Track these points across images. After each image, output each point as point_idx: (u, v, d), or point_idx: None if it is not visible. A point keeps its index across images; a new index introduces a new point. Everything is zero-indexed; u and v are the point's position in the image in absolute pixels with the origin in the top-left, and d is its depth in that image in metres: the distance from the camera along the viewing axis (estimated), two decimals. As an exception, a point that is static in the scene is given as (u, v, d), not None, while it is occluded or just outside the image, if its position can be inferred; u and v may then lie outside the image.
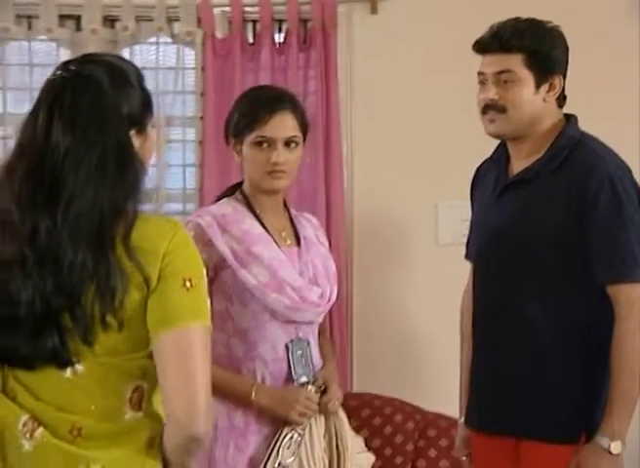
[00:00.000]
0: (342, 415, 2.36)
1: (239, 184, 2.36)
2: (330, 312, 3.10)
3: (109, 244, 1.49)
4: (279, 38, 3.20)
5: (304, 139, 2.33)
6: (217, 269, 2.24)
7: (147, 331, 1.51)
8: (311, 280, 2.30)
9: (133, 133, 1.59)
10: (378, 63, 3.19)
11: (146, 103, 1.63)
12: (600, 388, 2.13)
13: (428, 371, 3.17)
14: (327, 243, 2.48)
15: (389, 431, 2.92)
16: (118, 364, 1.53)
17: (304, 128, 2.32)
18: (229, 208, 2.29)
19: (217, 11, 3.17)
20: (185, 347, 1.49)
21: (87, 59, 1.63)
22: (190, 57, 3.19)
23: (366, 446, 2.56)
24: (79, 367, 1.53)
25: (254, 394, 2.20)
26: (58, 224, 1.49)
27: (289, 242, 2.33)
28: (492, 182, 2.32)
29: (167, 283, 1.51)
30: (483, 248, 2.33)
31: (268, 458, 2.18)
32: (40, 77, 3.15)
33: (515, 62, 2.17)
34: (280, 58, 3.17)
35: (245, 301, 2.24)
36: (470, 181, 2.46)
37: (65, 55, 3.16)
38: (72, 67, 1.57)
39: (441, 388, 2.72)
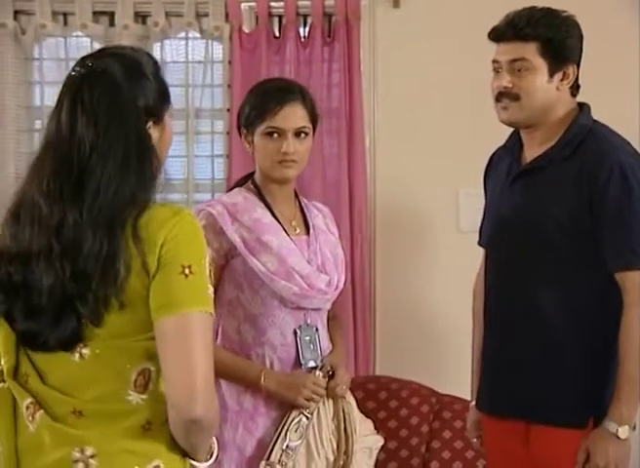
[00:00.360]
0: (351, 399, 2.39)
1: (251, 175, 2.39)
2: (353, 298, 3.16)
3: (121, 231, 1.52)
4: (304, 32, 3.24)
5: (314, 130, 2.36)
6: (228, 257, 2.27)
7: (150, 315, 1.53)
8: (319, 268, 2.32)
9: (150, 124, 1.62)
10: (400, 56, 3.21)
11: (163, 94, 1.65)
12: (609, 374, 2.12)
13: (449, 355, 3.18)
14: (337, 231, 2.49)
15: (405, 413, 2.93)
16: (123, 346, 1.56)
17: (314, 118, 2.34)
18: (240, 197, 2.32)
19: (244, 6, 3.22)
20: (184, 333, 1.50)
21: (103, 54, 1.66)
22: (218, 50, 3.24)
23: (382, 427, 2.60)
24: (85, 351, 1.56)
25: (263, 379, 2.23)
26: (84, 216, 1.53)
27: (298, 231, 2.35)
28: (505, 170, 2.33)
29: (166, 270, 1.52)
30: (495, 235, 2.34)
31: (276, 440, 2.20)
32: (76, 71, 3.30)
33: (529, 51, 2.16)
34: (305, 52, 3.21)
35: (255, 288, 2.26)
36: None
37: (100, 49, 3.30)
38: (89, 63, 1.60)
39: (461, 371, 2.74)
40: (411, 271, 3.28)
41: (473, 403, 2.42)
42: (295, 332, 2.26)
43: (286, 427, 2.20)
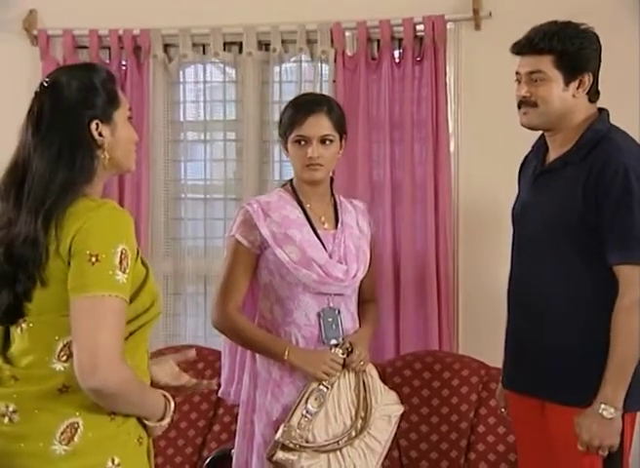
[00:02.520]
0: (374, 373, 2.49)
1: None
2: (438, 285, 3.30)
3: (46, 218, 1.61)
4: (398, 54, 3.41)
5: (342, 138, 2.45)
6: (261, 248, 2.41)
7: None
8: (340, 259, 2.41)
9: (98, 123, 1.69)
10: (481, 72, 3.33)
11: (109, 99, 1.73)
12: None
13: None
14: (367, 225, 2.57)
15: (457, 383, 3.05)
16: (51, 320, 1.64)
17: (340, 128, 2.43)
18: (276, 196, 2.46)
19: (347, 33, 3.43)
20: (89, 313, 1.56)
21: (57, 71, 1.77)
22: (325, 71, 3.43)
23: (436, 395, 2.72)
24: (24, 325, 1.67)
25: (287, 354, 2.35)
26: (22, 208, 1.64)
27: (327, 225, 2.46)
28: (531, 170, 2.39)
29: (76, 257, 1.59)
30: (514, 229, 2.42)
31: (297, 406, 2.32)
32: (212, 92, 3.55)
33: (545, 63, 2.22)
34: (398, 71, 3.37)
35: (282, 275, 2.38)
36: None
37: (230, 73, 3.54)
38: (44, 81, 1.72)
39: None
40: (489, 260, 3.38)
41: (501, 378, 2.50)
42: (319, 315, 2.39)
43: (306, 395, 2.33)
